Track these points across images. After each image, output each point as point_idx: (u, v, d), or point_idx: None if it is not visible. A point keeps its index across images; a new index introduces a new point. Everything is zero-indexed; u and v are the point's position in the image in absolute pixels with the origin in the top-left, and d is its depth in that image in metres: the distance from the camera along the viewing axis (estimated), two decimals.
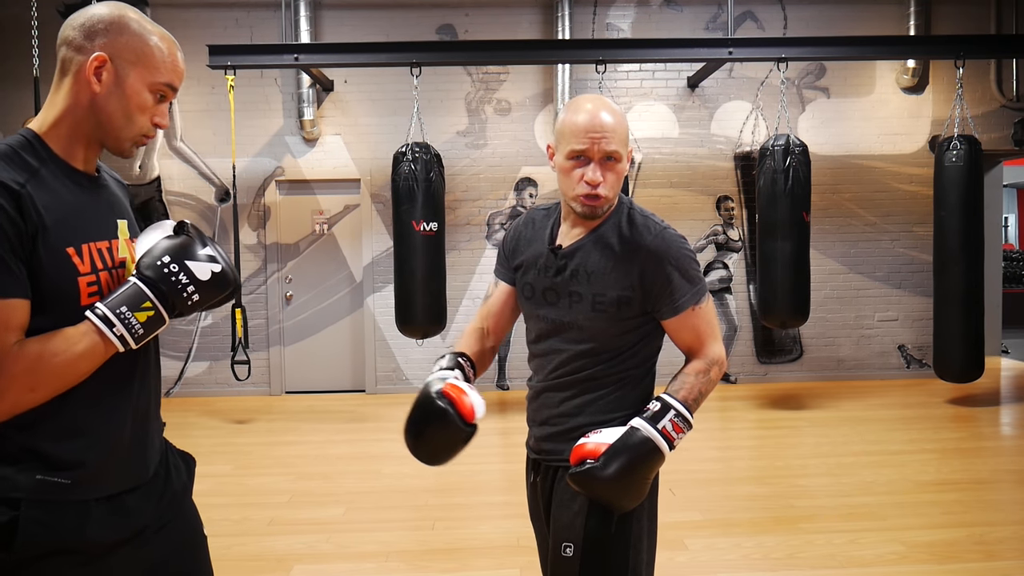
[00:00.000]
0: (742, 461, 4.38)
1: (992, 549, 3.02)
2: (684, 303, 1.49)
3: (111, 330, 1.12)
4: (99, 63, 1.15)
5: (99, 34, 1.16)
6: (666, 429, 1.41)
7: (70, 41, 1.17)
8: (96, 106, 1.17)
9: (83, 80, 1.16)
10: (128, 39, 1.17)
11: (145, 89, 1.20)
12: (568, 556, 1.49)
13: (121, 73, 1.17)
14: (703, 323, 1.51)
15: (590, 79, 6.06)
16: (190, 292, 1.18)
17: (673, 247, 1.50)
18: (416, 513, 3.58)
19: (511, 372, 6.40)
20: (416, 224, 4.99)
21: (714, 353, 1.52)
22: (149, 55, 1.19)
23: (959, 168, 4.99)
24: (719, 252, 6.48)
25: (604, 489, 1.39)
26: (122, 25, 1.17)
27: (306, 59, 5.24)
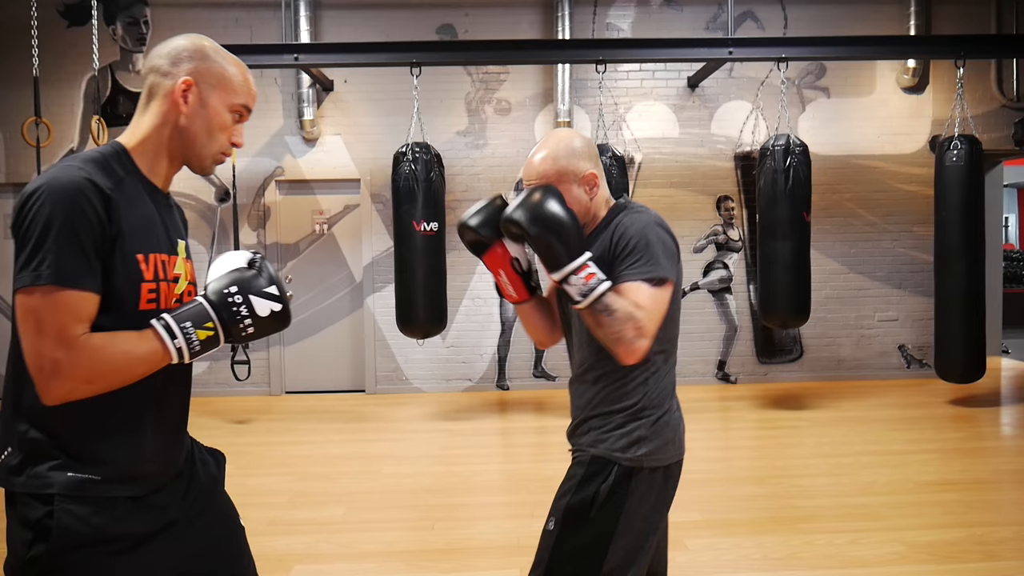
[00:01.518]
0: (742, 461, 4.38)
1: (993, 549, 3.02)
2: (625, 276, 1.49)
3: (172, 341, 1.20)
4: (186, 86, 1.28)
5: (184, 61, 1.29)
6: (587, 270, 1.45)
7: (158, 68, 1.30)
8: (182, 125, 1.30)
9: (172, 101, 1.29)
10: (210, 65, 1.31)
11: (226, 110, 1.33)
12: (549, 530, 1.56)
13: (205, 95, 1.30)
14: (645, 298, 1.46)
15: (590, 79, 6.06)
16: (246, 324, 1.26)
17: (647, 223, 1.53)
18: (416, 513, 3.58)
19: (511, 372, 6.40)
20: (416, 224, 4.99)
21: (644, 320, 1.44)
22: (228, 79, 1.32)
23: (959, 168, 4.99)
24: (719, 252, 6.48)
25: None
26: (204, 53, 1.31)
27: (306, 59, 5.24)
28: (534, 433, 5.21)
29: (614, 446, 1.55)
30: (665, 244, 1.52)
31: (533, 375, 6.41)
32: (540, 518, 1.62)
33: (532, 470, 4.23)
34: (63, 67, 6.11)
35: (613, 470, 1.53)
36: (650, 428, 1.55)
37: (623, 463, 1.53)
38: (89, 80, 6.14)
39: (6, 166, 6.21)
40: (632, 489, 1.53)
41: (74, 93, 6.20)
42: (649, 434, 1.55)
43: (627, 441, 1.54)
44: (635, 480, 1.53)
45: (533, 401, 5.97)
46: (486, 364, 6.40)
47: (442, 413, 5.65)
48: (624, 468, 1.53)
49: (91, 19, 5.39)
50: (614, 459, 1.54)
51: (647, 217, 1.56)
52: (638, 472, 1.54)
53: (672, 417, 1.60)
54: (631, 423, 1.55)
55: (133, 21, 6.20)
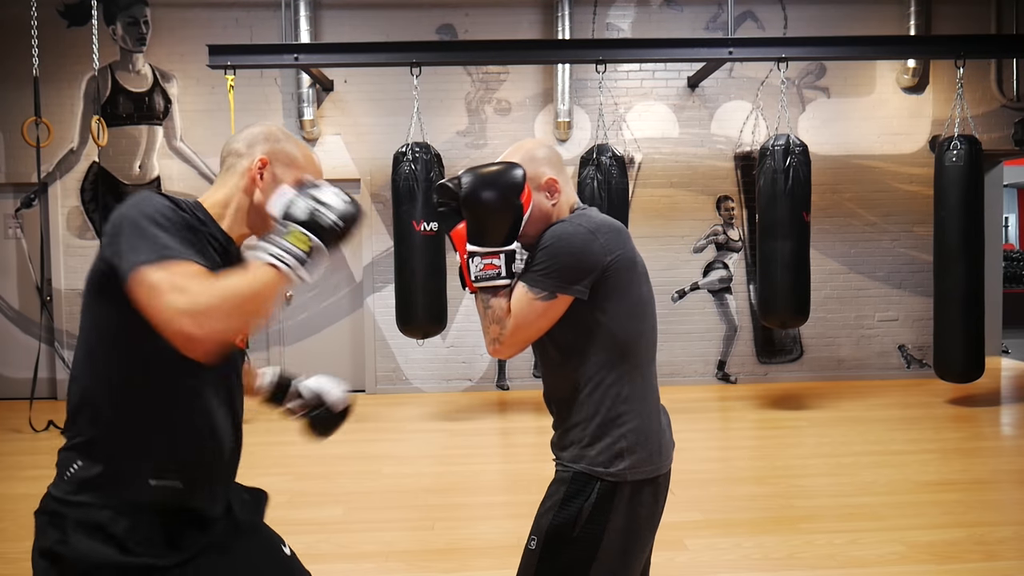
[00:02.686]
0: (742, 461, 4.37)
1: (993, 549, 3.02)
2: (522, 276, 1.52)
3: (280, 261, 1.21)
4: (262, 164, 1.41)
5: (259, 143, 1.43)
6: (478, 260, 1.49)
7: (235, 151, 1.44)
8: (256, 200, 1.40)
9: (249, 178, 1.41)
10: (282, 146, 1.45)
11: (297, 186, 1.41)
12: (531, 549, 1.54)
13: (277, 172, 1.42)
14: (520, 306, 1.49)
15: (590, 79, 6.06)
16: (333, 220, 1.27)
17: (570, 233, 1.50)
18: (416, 513, 3.58)
19: (511, 372, 6.40)
20: (416, 224, 4.99)
21: (507, 330, 1.50)
22: (297, 158, 1.46)
23: (959, 168, 4.99)
24: (719, 252, 6.48)
25: None
26: (276, 136, 1.45)
27: (306, 59, 5.24)
28: (534, 433, 5.21)
29: (596, 460, 1.50)
30: (575, 256, 1.47)
31: (533, 375, 6.41)
32: None
33: (532, 470, 4.23)
34: (63, 67, 6.11)
35: (595, 487, 1.49)
36: (630, 440, 1.50)
37: (606, 479, 1.49)
38: (89, 80, 6.14)
39: (6, 166, 6.21)
40: (615, 506, 1.49)
41: (74, 93, 6.19)
42: (630, 446, 1.50)
43: (609, 455, 1.50)
44: (619, 496, 1.49)
45: (533, 401, 5.97)
46: (486, 364, 6.40)
47: (442, 413, 5.65)
48: (607, 484, 1.49)
49: (91, 19, 5.40)
50: (596, 475, 1.49)
51: (572, 226, 1.50)
52: (622, 487, 1.49)
53: (651, 425, 1.55)
54: (609, 435, 1.50)
55: (133, 21, 6.20)
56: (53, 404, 5.79)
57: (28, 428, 5.13)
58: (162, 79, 6.23)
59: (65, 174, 6.22)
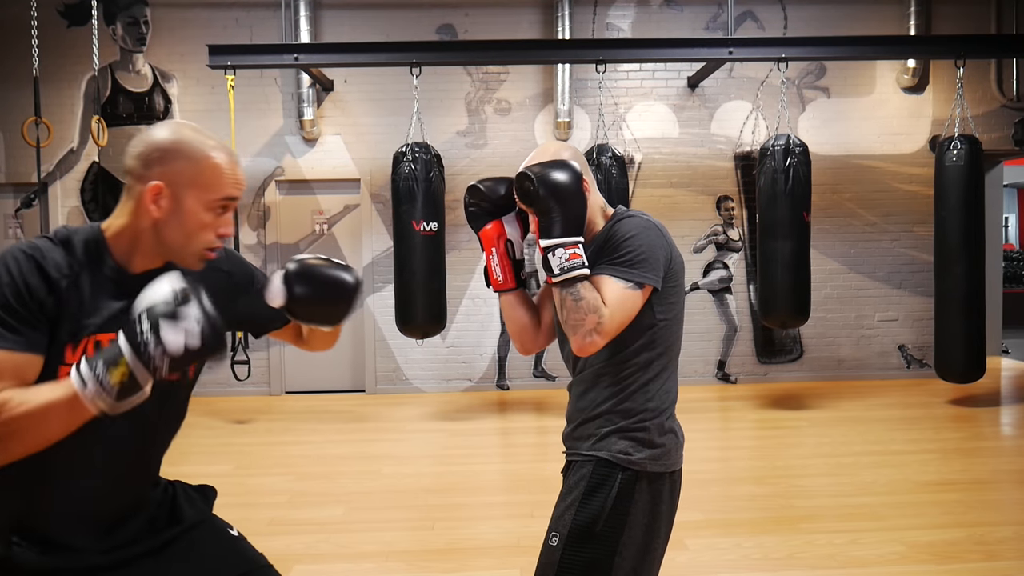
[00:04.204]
0: (742, 461, 4.37)
1: (993, 549, 3.02)
2: (605, 268, 1.50)
3: (84, 389, 1.06)
4: (156, 192, 1.20)
5: (155, 163, 1.21)
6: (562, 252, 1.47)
7: (131, 170, 1.23)
8: (157, 229, 1.23)
9: (143, 207, 1.22)
10: (183, 164, 1.21)
11: (203, 209, 1.24)
12: (553, 545, 1.53)
13: (179, 196, 1.22)
14: (614, 297, 1.47)
15: (590, 79, 6.06)
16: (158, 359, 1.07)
17: (642, 226, 1.53)
18: (416, 513, 3.58)
19: (511, 372, 6.40)
20: (416, 224, 4.99)
21: (605, 319, 1.45)
22: (205, 175, 1.23)
23: (959, 168, 4.99)
24: (719, 252, 6.48)
25: None
26: (176, 150, 1.22)
27: (306, 59, 5.24)
28: (534, 433, 5.21)
29: (616, 448, 1.53)
30: (653, 250, 1.51)
31: (533, 375, 6.41)
32: (540, 518, 1.62)
33: (532, 470, 4.23)
34: (63, 67, 6.11)
35: (618, 477, 1.51)
36: (653, 432, 1.54)
37: (627, 467, 1.51)
38: (89, 80, 6.14)
39: (6, 166, 6.21)
40: (636, 499, 1.51)
41: (74, 93, 6.19)
42: (652, 438, 1.53)
43: (630, 444, 1.52)
44: (639, 487, 1.51)
45: (533, 401, 5.97)
46: (486, 364, 6.40)
47: (442, 413, 5.65)
48: (629, 474, 1.51)
49: (91, 19, 5.40)
50: (619, 462, 1.51)
51: (642, 220, 1.55)
52: (642, 478, 1.52)
53: (675, 424, 1.60)
54: (634, 425, 1.53)
55: (133, 21, 6.20)
56: None
57: None
58: (162, 79, 6.23)
59: (65, 174, 6.22)
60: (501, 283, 1.65)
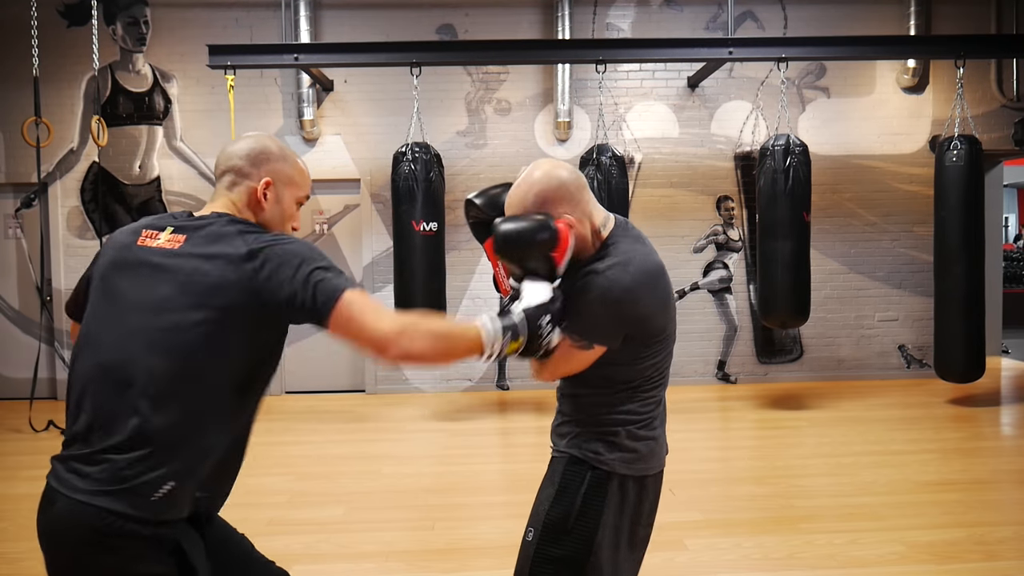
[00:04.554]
0: (742, 461, 4.37)
1: (993, 549, 3.02)
2: (566, 327, 1.51)
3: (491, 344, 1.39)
4: (266, 185, 1.49)
5: (262, 162, 1.49)
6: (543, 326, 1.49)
7: (237, 168, 1.49)
8: (260, 217, 1.49)
9: (254, 199, 1.49)
10: (282, 166, 1.51)
11: (294, 203, 1.55)
12: (528, 540, 1.58)
13: (279, 191, 1.51)
14: (559, 352, 1.52)
15: (590, 79, 6.06)
16: (539, 347, 1.46)
17: (606, 289, 1.48)
18: (416, 513, 3.58)
19: (511, 372, 6.40)
20: (416, 224, 4.99)
21: (546, 371, 1.58)
22: (295, 177, 1.54)
23: (959, 168, 4.99)
24: (719, 252, 6.47)
25: None
26: (276, 154, 1.51)
27: (306, 59, 5.24)
28: (534, 433, 5.21)
29: (588, 448, 1.56)
30: (616, 314, 1.48)
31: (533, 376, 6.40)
32: None
33: (532, 470, 4.21)
34: (63, 67, 6.11)
35: (587, 476, 1.54)
36: (624, 436, 1.56)
37: (597, 466, 1.54)
38: (89, 80, 6.14)
39: (6, 166, 6.21)
40: (608, 500, 1.54)
41: (74, 93, 6.19)
42: (623, 441, 1.56)
43: (601, 445, 1.55)
44: (610, 488, 1.54)
45: (533, 401, 5.97)
46: (486, 364, 6.39)
47: (442, 413, 5.64)
48: (598, 472, 1.54)
49: (91, 19, 5.40)
50: (588, 460, 1.55)
51: (613, 282, 1.47)
52: (612, 478, 1.54)
53: (652, 433, 1.60)
54: (607, 431, 1.56)
55: (133, 21, 6.20)
56: (53, 404, 5.79)
57: (28, 428, 5.13)
58: (162, 79, 6.23)
59: (65, 174, 6.22)
60: (509, 291, 1.69)
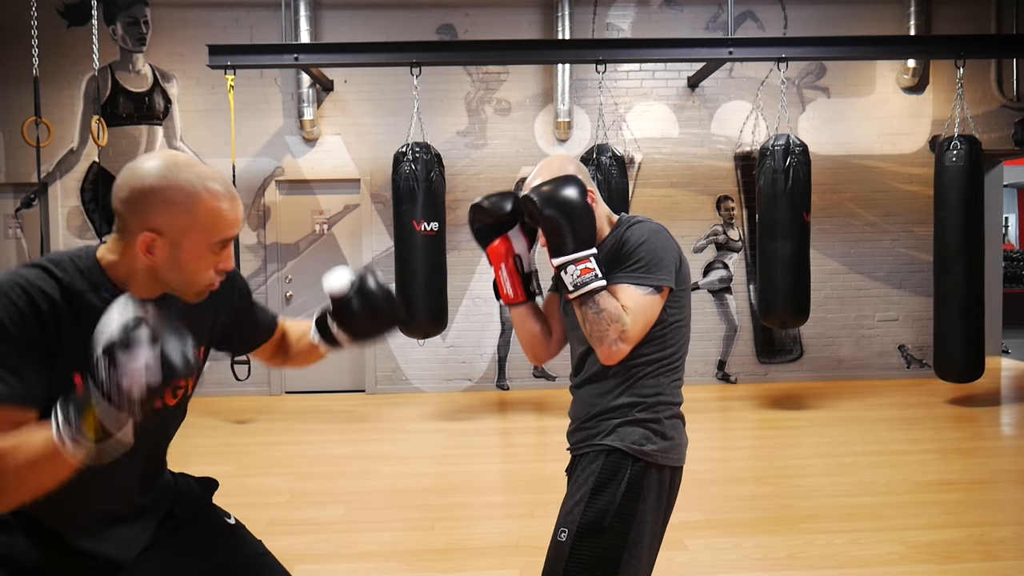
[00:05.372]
0: (742, 461, 4.37)
1: (993, 549, 3.02)
2: (622, 277, 1.52)
3: (62, 443, 0.98)
4: (148, 241, 1.13)
5: (144, 212, 1.12)
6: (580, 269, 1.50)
7: (119, 214, 1.15)
8: (153, 272, 1.17)
9: (136, 253, 1.15)
10: (175, 213, 1.13)
11: (204, 250, 1.17)
12: (561, 541, 1.54)
13: (175, 242, 1.14)
14: (635, 304, 1.50)
15: (590, 79, 6.06)
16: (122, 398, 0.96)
17: (650, 231, 1.55)
18: (416, 513, 3.58)
19: (511, 372, 6.40)
20: (417, 224, 4.99)
21: (628, 326, 1.48)
22: (201, 222, 1.14)
23: (959, 168, 4.99)
24: (719, 252, 6.48)
25: None
26: (167, 199, 1.12)
27: (306, 59, 5.24)
28: (534, 433, 5.21)
29: (631, 439, 1.55)
30: (665, 253, 1.54)
31: (533, 375, 6.41)
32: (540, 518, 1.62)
33: (532, 470, 4.23)
34: (63, 67, 6.11)
35: (628, 470, 1.53)
36: (665, 424, 1.57)
37: (639, 458, 1.53)
38: (89, 80, 6.14)
39: (6, 166, 6.21)
40: (645, 494, 1.53)
41: (74, 93, 6.19)
42: (664, 430, 1.57)
43: (644, 434, 1.55)
44: (648, 482, 1.54)
45: (533, 401, 5.97)
46: (486, 364, 6.40)
47: (442, 413, 5.65)
48: (640, 465, 1.53)
49: (91, 19, 5.40)
50: (631, 452, 1.53)
51: (651, 226, 1.59)
52: (651, 470, 1.54)
53: (680, 418, 1.64)
54: (649, 415, 1.56)
55: (133, 21, 6.20)
56: None
57: None
58: (162, 79, 6.23)
59: (65, 174, 6.22)
60: (512, 297, 1.70)
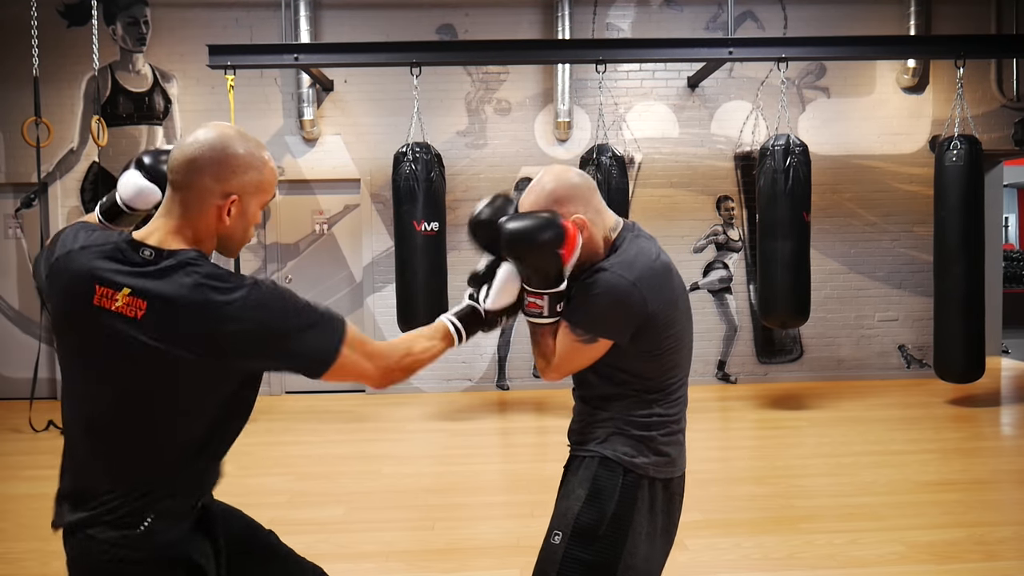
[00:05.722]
0: (742, 461, 4.38)
1: (993, 549, 3.02)
2: (567, 316, 1.54)
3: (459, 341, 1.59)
4: (230, 204, 1.29)
5: (227, 175, 1.28)
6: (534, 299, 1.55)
7: (190, 185, 1.27)
8: (220, 235, 1.32)
9: (210, 216, 1.29)
10: (251, 176, 1.31)
11: (260, 210, 1.37)
12: (555, 543, 1.53)
13: (245, 204, 1.32)
14: (562, 345, 1.54)
15: (590, 79, 6.06)
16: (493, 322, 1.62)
17: (614, 285, 1.50)
18: (416, 513, 3.58)
19: (511, 372, 6.40)
20: (417, 224, 4.99)
21: (552, 366, 1.58)
22: (265, 183, 1.34)
23: (959, 168, 4.99)
24: (719, 252, 6.48)
25: None
26: (247, 160, 1.30)
27: (306, 59, 5.24)
28: (534, 433, 5.21)
29: (621, 450, 1.54)
30: (619, 309, 1.49)
31: (533, 375, 6.41)
32: (540, 518, 1.62)
33: (532, 470, 4.23)
34: (63, 67, 6.11)
35: (620, 480, 1.52)
36: (658, 440, 1.56)
37: (630, 470, 1.52)
38: (89, 80, 6.14)
39: (6, 166, 6.21)
40: (639, 505, 1.52)
41: (74, 93, 6.19)
42: (657, 446, 1.56)
43: (634, 448, 1.54)
44: (641, 492, 1.52)
45: (533, 401, 5.97)
46: (486, 364, 6.40)
47: (442, 413, 5.65)
48: (632, 476, 1.52)
49: (91, 19, 5.40)
50: (622, 463, 1.53)
51: (619, 277, 1.50)
52: (643, 482, 1.53)
53: (679, 436, 1.63)
54: (639, 433, 1.55)
55: (133, 21, 6.20)
56: (53, 404, 5.78)
57: (28, 428, 5.13)
58: (162, 79, 6.23)
59: (65, 174, 6.22)
60: None
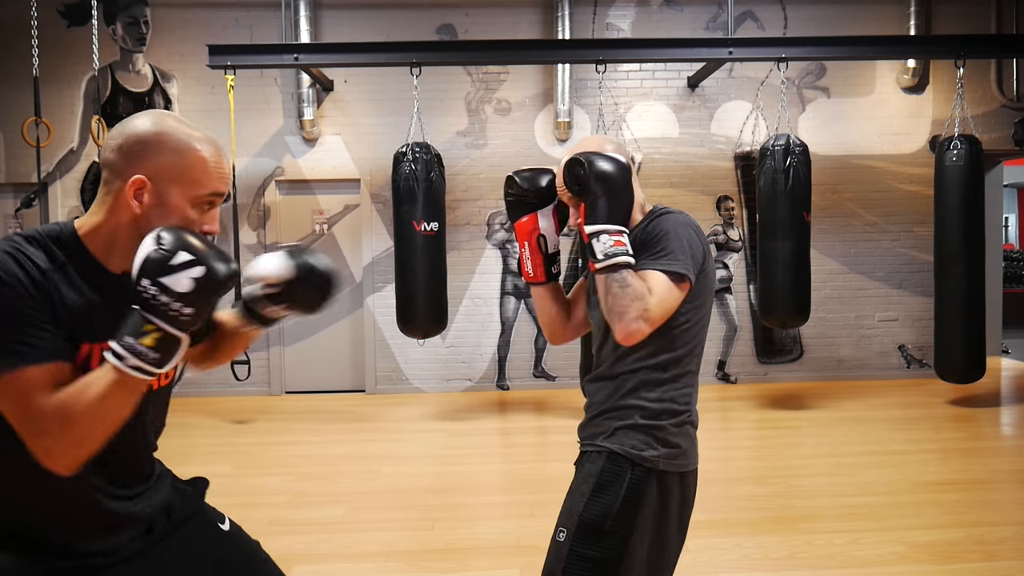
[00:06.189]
0: (742, 461, 4.37)
1: (993, 549, 3.02)
2: (643, 264, 1.49)
3: (123, 363, 1.07)
4: (138, 186, 1.14)
5: (137, 156, 1.15)
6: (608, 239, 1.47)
7: (109, 163, 1.16)
8: (138, 226, 1.16)
9: (123, 202, 1.15)
10: (167, 157, 1.16)
11: (188, 204, 1.18)
12: (560, 541, 1.52)
13: (162, 192, 1.16)
14: (659, 287, 1.46)
15: (590, 79, 6.06)
16: (176, 308, 1.07)
17: (679, 223, 1.55)
18: (416, 513, 3.58)
19: (511, 372, 6.40)
20: (417, 224, 4.99)
21: (652, 306, 1.44)
22: (190, 170, 1.17)
23: (959, 168, 4.99)
24: (719, 252, 6.48)
25: None
26: (160, 143, 1.16)
27: (306, 59, 5.24)
28: (534, 433, 5.21)
29: (629, 443, 1.51)
30: (692, 246, 1.52)
31: (533, 375, 6.41)
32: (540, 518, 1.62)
33: (532, 470, 4.23)
34: (63, 67, 6.11)
35: (627, 475, 1.49)
36: (668, 430, 1.53)
37: (639, 463, 1.50)
38: (89, 80, 6.14)
39: (6, 166, 6.21)
40: (647, 501, 1.49)
41: (74, 93, 6.19)
42: (667, 436, 1.52)
43: (643, 440, 1.51)
44: (649, 488, 1.50)
45: (533, 401, 5.97)
46: (486, 364, 6.40)
47: (442, 413, 5.65)
48: (640, 471, 1.50)
49: (91, 19, 5.40)
50: (630, 457, 1.50)
51: (680, 218, 1.57)
52: (653, 476, 1.50)
53: (692, 423, 1.60)
54: (650, 422, 1.52)
55: (133, 21, 6.20)
56: None
57: None
58: (162, 79, 6.23)
59: (65, 174, 6.22)
60: (532, 276, 1.71)
